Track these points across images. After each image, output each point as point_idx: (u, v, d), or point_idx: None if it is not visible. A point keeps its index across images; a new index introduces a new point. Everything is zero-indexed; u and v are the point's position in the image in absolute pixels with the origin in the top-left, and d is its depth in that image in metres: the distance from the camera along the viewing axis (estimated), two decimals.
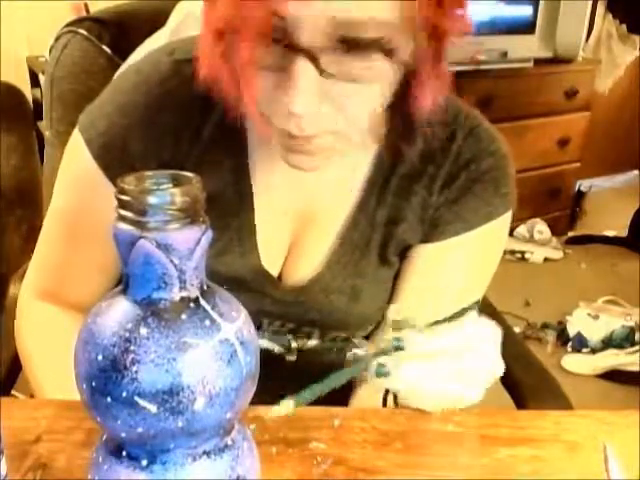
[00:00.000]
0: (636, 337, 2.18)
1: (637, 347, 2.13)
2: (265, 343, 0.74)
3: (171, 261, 0.37)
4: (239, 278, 0.70)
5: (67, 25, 0.96)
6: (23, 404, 0.63)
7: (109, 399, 0.37)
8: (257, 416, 0.57)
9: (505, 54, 2.55)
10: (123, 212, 0.37)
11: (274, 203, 0.71)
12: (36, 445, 0.54)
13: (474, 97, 2.54)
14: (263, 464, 0.45)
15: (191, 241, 0.38)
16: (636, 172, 3.62)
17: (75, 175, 0.73)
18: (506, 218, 0.74)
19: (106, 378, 0.37)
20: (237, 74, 0.54)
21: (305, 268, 0.72)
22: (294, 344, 0.75)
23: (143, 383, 0.36)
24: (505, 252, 2.75)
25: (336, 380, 0.54)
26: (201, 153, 0.69)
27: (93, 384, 0.38)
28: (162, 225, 0.37)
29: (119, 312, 0.38)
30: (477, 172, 0.71)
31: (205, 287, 0.40)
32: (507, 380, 0.84)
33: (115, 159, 0.68)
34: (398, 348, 0.55)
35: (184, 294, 0.39)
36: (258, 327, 0.72)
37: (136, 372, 0.36)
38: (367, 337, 0.78)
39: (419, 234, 0.72)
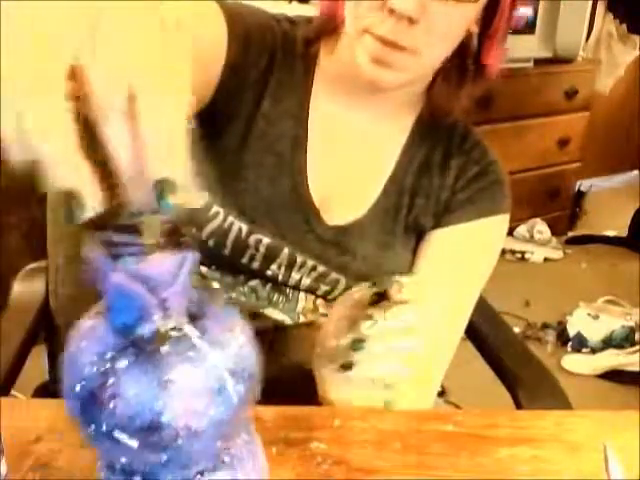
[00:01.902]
0: (636, 337, 2.18)
1: (637, 347, 2.13)
2: (276, 314, 0.76)
3: (151, 291, 0.34)
4: (289, 209, 0.75)
5: None
6: (23, 404, 0.63)
7: (92, 427, 0.35)
8: (258, 417, 0.57)
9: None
10: (99, 239, 0.34)
11: (326, 143, 0.77)
12: (36, 445, 0.54)
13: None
14: None
15: (173, 267, 0.35)
16: (636, 172, 3.62)
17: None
18: (506, 219, 0.81)
19: (86, 408, 0.35)
20: None
21: (347, 211, 0.77)
22: (303, 318, 0.77)
23: (122, 419, 0.34)
24: (505, 252, 2.77)
25: None
26: (278, 78, 0.76)
27: (76, 410, 0.36)
28: (140, 254, 0.34)
29: (99, 339, 0.36)
30: (485, 167, 0.80)
31: (195, 309, 0.37)
32: (507, 379, 0.85)
33: (238, 28, 0.72)
34: (359, 348, 0.57)
35: (167, 323, 0.36)
36: (291, 265, 0.75)
37: (115, 407, 0.34)
38: None
39: (431, 216, 0.78)
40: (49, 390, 0.94)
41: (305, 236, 0.76)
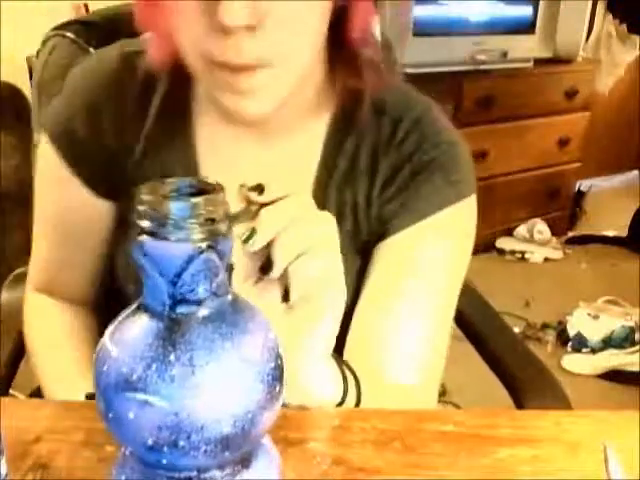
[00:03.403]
0: (636, 337, 2.18)
1: (637, 347, 2.13)
2: None
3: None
4: None
5: (55, 28, 0.95)
6: (23, 404, 0.63)
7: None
8: None
9: (505, 54, 2.55)
10: (188, 224, 0.35)
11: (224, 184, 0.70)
12: (36, 445, 0.54)
13: (474, 97, 2.55)
14: None
15: (231, 244, 0.38)
16: (636, 172, 3.61)
17: (46, 175, 0.75)
18: (463, 207, 0.71)
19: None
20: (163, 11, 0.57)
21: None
22: None
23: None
24: (505, 252, 2.77)
25: None
26: (149, 137, 0.71)
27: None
28: (219, 233, 0.36)
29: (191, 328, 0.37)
30: (421, 162, 0.69)
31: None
32: (507, 379, 0.85)
33: (70, 148, 0.72)
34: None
35: (230, 297, 0.39)
36: None
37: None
38: None
39: (365, 232, 0.71)
40: None
41: None
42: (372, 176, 0.69)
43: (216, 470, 0.39)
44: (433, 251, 0.69)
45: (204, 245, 0.36)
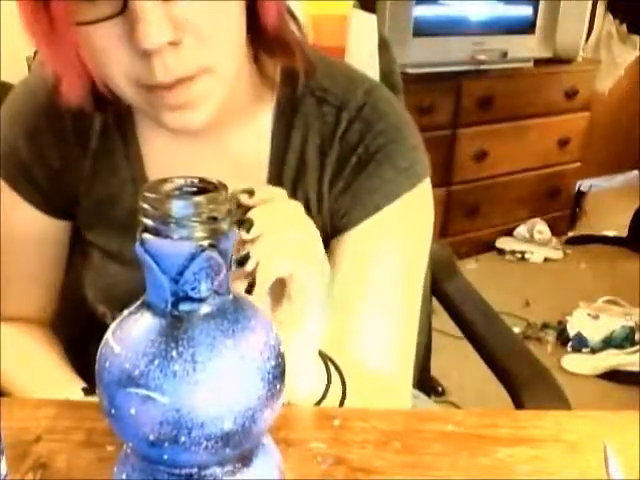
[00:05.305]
0: (636, 337, 2.18)
1: (637, 347, 2.13)
2: None
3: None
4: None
5: None
6: (23, 404, 0.63)
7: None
8: None
9: (505, 54, 2.55)
10: (188, 223, 0.35)
11: None
12: (36, 445, 0.54)
13: (474, 97, 2.55)
14: None
15: (232, 242, 0.38)
16: (636, 172, 3.62)
17: None
18: (417, 193, 0.69)
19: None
20: (69, 40, 0.53)
21: None
22: None
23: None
24: (505, 252, 2.77)
25: None
26: (95, 154, 0.69)
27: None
28: (221, 231, 0.36)
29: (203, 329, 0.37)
30: (367, 153, 0.67)
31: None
32: (507, 379, 0.85)
33: (11, 169, 0.70)
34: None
35: (231, 295, 0.39)
36: None
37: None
38: None
39: (320, 226, 0.67)
40: None
41: None
42: (321, 171, 0.68)
43: (216, 467, 0.39)
44: (392, 241, 0.68)
45: (206, 243, 0.36)
